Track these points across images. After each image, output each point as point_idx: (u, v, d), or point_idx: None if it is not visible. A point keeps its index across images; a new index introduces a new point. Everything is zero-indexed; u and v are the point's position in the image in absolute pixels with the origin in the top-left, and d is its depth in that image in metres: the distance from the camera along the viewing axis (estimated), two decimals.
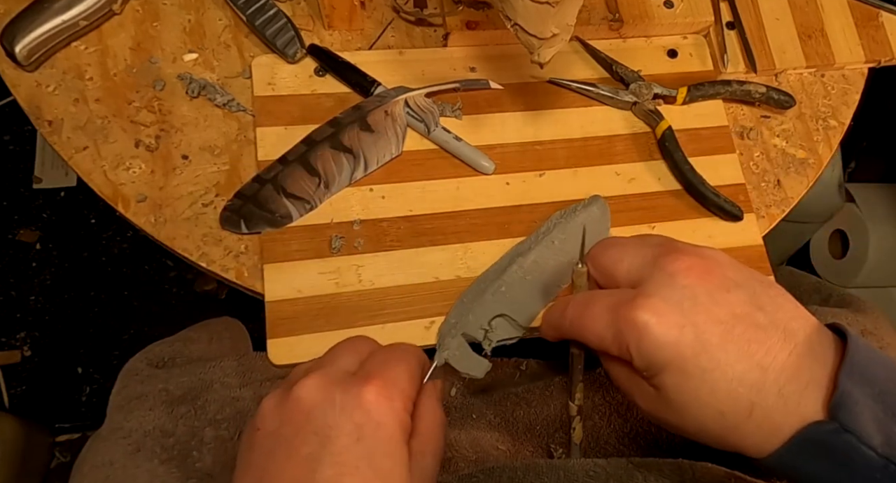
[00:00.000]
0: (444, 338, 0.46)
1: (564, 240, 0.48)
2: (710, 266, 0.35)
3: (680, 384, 0.33)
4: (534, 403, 0.50)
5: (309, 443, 0.32)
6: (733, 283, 0.34)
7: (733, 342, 0.33)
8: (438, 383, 0.40)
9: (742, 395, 0.33)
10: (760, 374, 0.33)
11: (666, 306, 0.33)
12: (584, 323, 0.37)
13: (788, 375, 0.32)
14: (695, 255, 0.35)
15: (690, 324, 0.33)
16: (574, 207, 0.51)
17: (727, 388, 0.33)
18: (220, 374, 0.53)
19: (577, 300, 0.38)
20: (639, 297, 0.34)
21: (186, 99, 0.51)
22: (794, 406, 0.32)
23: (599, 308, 0.36)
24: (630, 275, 0.37)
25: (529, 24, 0.41)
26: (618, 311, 0.34)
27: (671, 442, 0.48)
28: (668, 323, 0.33)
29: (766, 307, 0.34)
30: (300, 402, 0.33)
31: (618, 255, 0.38)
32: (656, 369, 0.34)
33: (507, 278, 0.47)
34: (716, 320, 0.33)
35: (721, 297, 0.34)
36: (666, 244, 0.37)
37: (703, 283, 0.34)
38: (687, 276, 0.34)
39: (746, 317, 0.33)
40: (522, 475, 0.41)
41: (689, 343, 0.33)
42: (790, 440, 0.32)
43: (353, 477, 0.31)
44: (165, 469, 0.47)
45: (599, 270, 0.39)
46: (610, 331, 0.35)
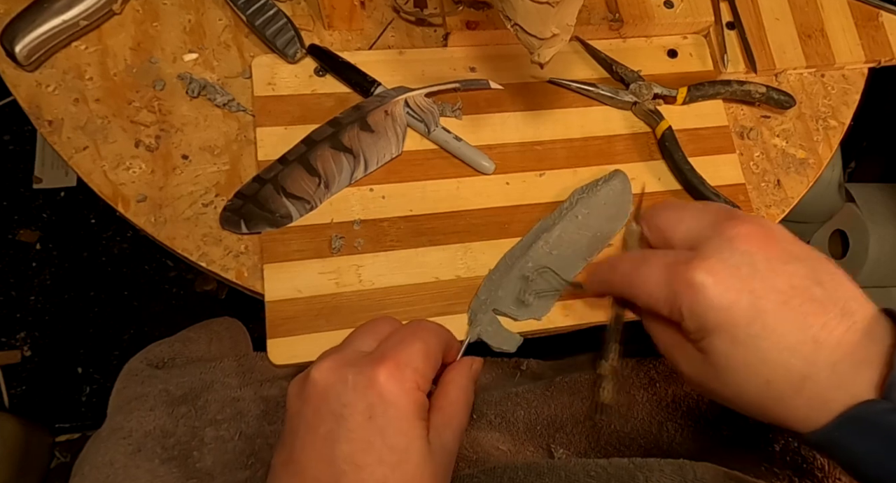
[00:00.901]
0: (475, 314, 0.47)
1: (588, 214, 0.49)
2: (770, 235, 0.34)
3: (729, 350, 0.33)
4: (534, 403, 0.50)
5: (326, 422, 0.34)
6: (793, 256, 0.34)
7: (789, 312, 0.33)
8: (472, 361, 0.41)
9: (794, 366, 0.32)
10: (814, 348, 0.32)
11: (724, 269, 0.33)
12: (636, 280, 0.36)
13: (843, 352, 0.32)
14: (755, 223, 0.35)
15: (747, 289, 0.33)
16: (596, 182, 0.51)
17: (778, 358, 0.32)
18: (221, 375, 0.53)
19: (631, 257, 0.38)
20: (697, 257, 0.34)
21: (186, 99, 0.51)
22: (847, 383, 0.32)
23: (655, 266, 0.35)
24: (688, 237, 0.36)
25: (529, 24, 0.41)
26: (674, 269, 0.34)
27: (672, 442, 0.48)
28: (725, 286, 0.33)
29: (826, 283, 0.34)
30: (317, 383, 0.35)
31: (676, 217, 0.37)
32: (706, 332, 0.33)
33: (534, 254, 0.48)
34: (773, 289, 0.33)
35: (780, 267, 0.33)
36: (727, 211, 0.37)
37: (763, 250, 0.34)
38: (747, 242, 0.34)
39: (805, 290, 0.33)
40: (523, 475, 0.41)
41: (743, 308, 0.33)
42: (840, 416, 0.31)
43: (368, 452, 0.33)
44: (166, 469, 0.47)
45: (655, 231, 0.39)
46: (664, 289, 0.34)
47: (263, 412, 0.51)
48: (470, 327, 0.47)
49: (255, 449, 0.49)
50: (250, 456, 0.49)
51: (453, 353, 0.42)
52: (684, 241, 0.36)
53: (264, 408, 0.52)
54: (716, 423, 0.48)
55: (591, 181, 0.52)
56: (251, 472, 0.48)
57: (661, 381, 0.49)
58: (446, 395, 0.39)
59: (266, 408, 0.52)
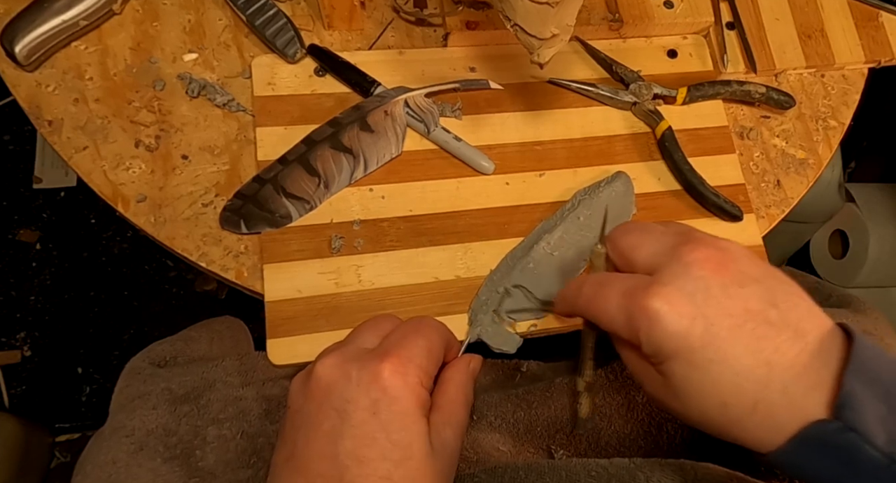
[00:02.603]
0: (475, 314, 0.47)
1: (590, 215, 0.50)
2: (726, 259, 0.35)
3: (686, 373, 0.34)
4: (534, 405, 0.50)
5: (330, 418, 0.34)
6: (749, 278, 0.34)
7: (742, 337, 0.33)
8: (471, 359, 0.42)
9: (747, 389, 0.33)
10: (766, 371, 0.33)
11: (679, 296, 0.33)
12: (597, 304, 0.37)
13: (795, 374, 0.33)
14: (713, 246, 0.35)
15: (701, 315, 0.33)
16: (598, 184, 0.51)
17: (732, 382, 0.33)
18: (223, 374, 0.53)
19: (593, 280, 0.38)
20: (654, 284, 0.34)
21: (186, 99, 0.51)
22: (798, 404, 0.32)
23: (614, 291, 0.36)
24: (647, 261, 0.37)
25: (529, 24, 0.41)
26: (632, 296, 0.35)
27: (672, 443, 0.48)
28: (680, 313, 0.33)
29: (780, 305, 0.34)
30: (320, 380, 0.35)
31: (637, 241, 0.38)
32: (664, 357, 0.34)
33: (535, 255, 0.48)
34: (727, 314, 0.33)
35: (735, 291, 0.34)
36: (686, 234, 0.37)
37: (718, 275, 0.34)
38: (703, 267, 0.34)
39: (758, 313, 0.34)
40: (524, 475, 0.41)
41: (698, 334, 0.33)
42: (793, 437, 0.32)
43: (371, 448, 0.33)
44: (168, 468, 0.47)
45: (618, 253, 0.39)
46: (622, 314, 0.35)
47: (265, 411, 0.51)
48: (470, 327, 0.47)
49: (258, 448, 0.49)
50: (252, 455, 0.49)
51: (453, 351, 0.42)
52: (645, 265, 0.37)
53: (266, 407, 0.52)
54: None
55: (594, 183, 0.52)
56: (253, 471, 0.48)
57: None
58: (445, 392, 0.39)
59: (268, 407, 0.52)
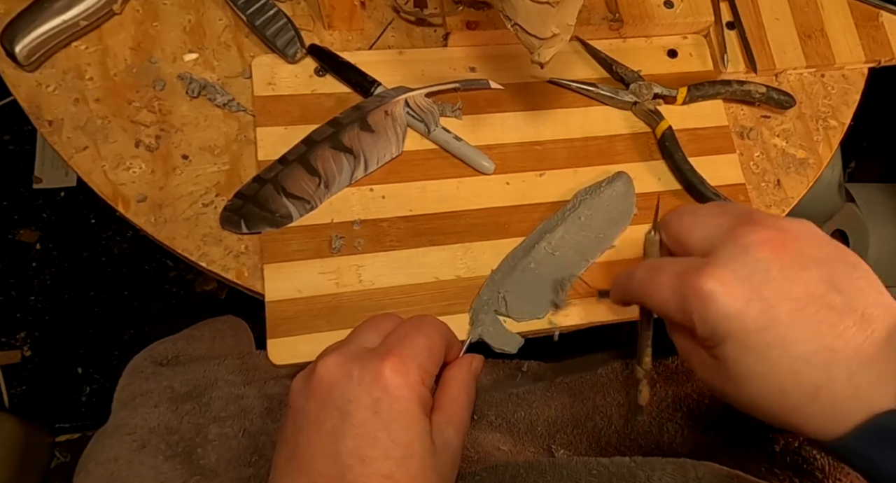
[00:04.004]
0: (477, 314, 0.47)
1: (591, 215, 0.50)
2: (787, 240, 0.33)
3: (741, 357, 0.33)
4: (535, 404, 0.50)
5: (331, 417, 0.34)
6: (811, 261, 0.33)
7: (803, 320, 0.32)
8: (473, 359, 0.42)
9: (807, 375, 0.32)
10: (829, 357, 0.31)
11: (734, 277, 0.33)
12: (650, 287, 0.36)
13: (861, 362, 0.31)
14: (773, 227, 0.34)
15: (758, 298, 0.32)
16: (599, 183, 0.51)
17: (791, 367, 0.32)
18: (224, 372, 0.54)
19: (646, 265, 0.38)
20: (707, 265, 0.33)
21: (186, 99, 0.51)
22: (865, 394, 0.31)
23: (667, 274, 0.35)
24: (703, 244, 0.36)
25: (529, 24, 0.41)
26: (684, 278, 0.34)
27: (673, 442, 0.48)
28: (734, 294, 0.32)
29: (845, 289, 0.32)
30: (322, 379, 0.35)
31: (692, 224, 0.37)
32: (718, 339, 0.33)
33: (536, 255, 0.48)
34: (786, 296, 0.32)
35: (795, 274, 0.32)
36: (745, 214, 0.36)
37: (778, 257, 0.33)
38: (761, 249, 0.33)
39: (821, 296, 0.32)
40: (525, 473, 0.41)
41: (754, 316, 0.32)
42: (859, 426, 0.31)
43: (374, 447, 0.33)
44: (170, 466, 0.47)
45: (672, 238, 0.38)
46: (675, 297, 0.34)
47: (267, 410, 0.51)
48: (471, 327, 0.47)
49: (259, 446, 0.50)
50: (254, 453, 0.49)
51: (455, 351, 0.42)
52: (700, 248, 0.36)
53: (268, 405, 0.52)
54: (716, 424, 0.48)
55: (594, 183, 0.52)
56: (255, 470, 0.48)
57: (661, 381, 0.49)
58: (447, 392, 0.39)
59: (270, 405, 0.52)
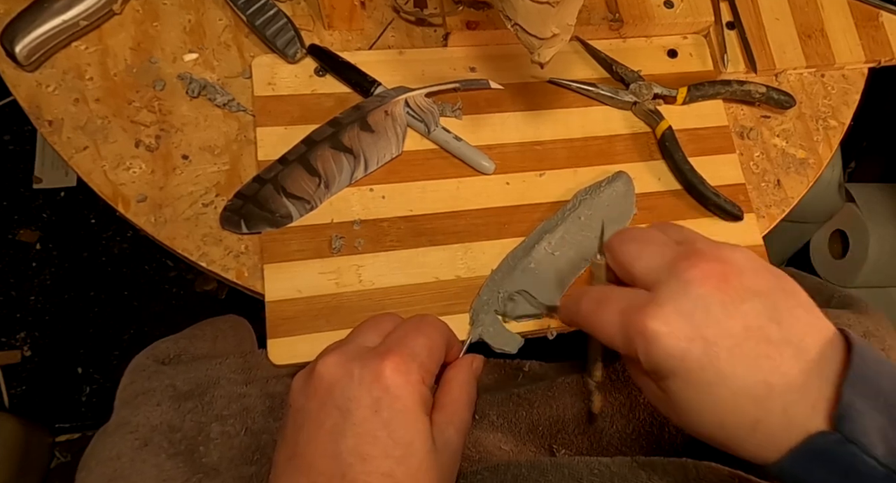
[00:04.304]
0: (477, 314, 0.47)
1: (591, 215, 0.50)
2: (728, 272, 0.34)
3: (684, 393, 0.33)
4: (536, 404, 0.50)
5: (332, 416, 0.34)
6: (751, 293, 0.34)
7: (742, 357, 0.32)
8: (473, 359, 0.42)
9: (746, 409, 0.32)
10: (766, 391, 0.32)
11: (677, 317, 0.33)
12: (595, 320, 0.37)
13: (795, 393, 0.32)
14: (714, 259, 0.34)
15: (700, 337, 0.33)
16: (599, 183, 0.51)
17: (731, 402, 0.32)
18: (226, 371, 0.54)
19: (592, 296, 0.38)
20: (651, 304, 0.34)
21: (186, 99, 0.51)
22: (798, 423, 0.32)
23: (612, 309, 0.36)
24: (646, 275, 0.36)
25: (529, 24, 0.41)
26: (629, 315, 0.34)
27: (673, 442, 0.48)
28: (678, 335, 0.33)
29: (783, 320, 0.33)
30: (322, 378, 0.35)
31: (636, 253, 0.37)
32: (662, 375, 0.34)
33: (536, 255, 0.48)
34: (726, 334, 0.33)
35: (735, 309, 0.33)
36: (687, 243, 0.36)
37: (719, 293, 0.33)
38: (702, 285, 0.33)
39: (758, 330, 0.33)
40: (527, 472, 0.41)
41: (696, 356, 0.32)
42: (793, 450, 0.32)
43: (374, 446, 0.33)
44: (172, 464, 0.48)
45: (617, 264, 0.39)
46: (620, 333, 0.35)
47: (269, 408, 0.51)
48: (472, 327, 0.47)
49: (261, 445, 0.50)
50: (256, 451, 0.49)
51: (455, 351, 0.42)
52: (644, 278, 0.36)
53: (270, 404, 0.52)
54: None
55: (594, 183, 0.52)
56: (257, 468, 0.48)
57: None
58: (449, 392, 0.39)
59: (272, 404, 0.52)
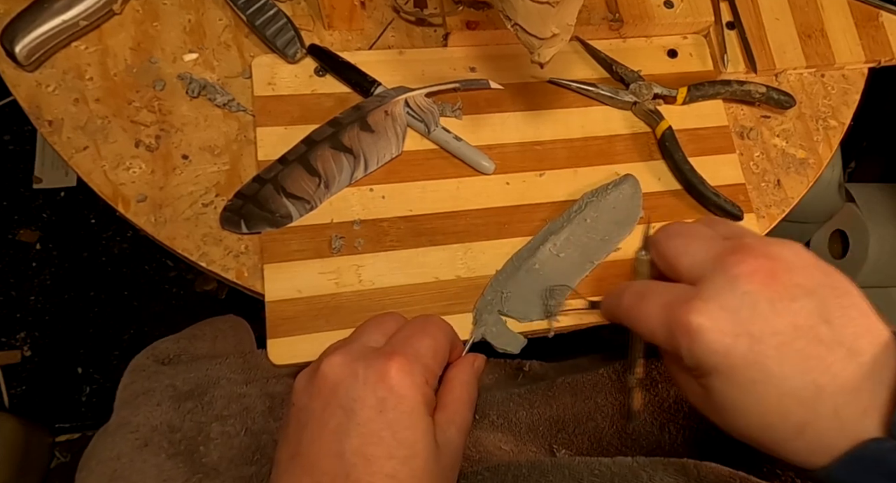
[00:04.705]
0: (480, 314, 0.47)
1: (596, 217, 0.50)
2: (777, 270, 0.33)
3: (727, 391, 0.32)
4: (536, 404, 0.50)
5: (336, 416, 0.34)
6: (801, 291, 0.32)
7: (789, 356, 0.31)
8: (475, 358, 0.42)
9: (794, 411, 0.31)
10: (815, 393, 0.31)
11: (722, 313, 0.32)
12: (638, 315, 0.36)
13: (846, 397, 0.31)
14: (763, 255, 0.33)
15: (745, 333, 0.32)
16: (606, 186, 0.51)
17: (778, 403, 0.31)
18: (226, 371, 0.54)
19: (634, 290, 0.37)
20: (695, 299, 0.33)
21: (186, 99, 0.51)
22: (850, 427, 0.31)
23: (655, 304, 0.35)
24: (692, 270, 0.35)
25: (529, 24, 0.41)
26: (672, 310, 0.33)
27: (674, 443, 0.48)
28: (722, 330, 0.32)
29: (834, 320, 0.32)
30: (326, 378, 0.35)
31: (682, 247, 0.36)
32: (705, 372, 0.33)
33: (541, 256, 0.48)
34: (774, 331, 0.32)
35: (783, 307, 0.32)
36: (735, 239, 0.35)
37: (767, 289, 0.32)
38: (750, 281, 0.32)
39: (809, 330, 0.32)
40: (527, 473, 0.41)
41: (741, 353, 0.32)
42: (844, 455, 0.30)
43: (378, 446, 0.33)
44: (172, 464, 0.48)
45: (662, 259, 0.38)
46: (662, 329, 0.34)
47: (269, 408, 0.51)
48: (475, 327, 0.47)
49: (261, 445, 0.50)
50: (256, 451, 0.49)
51: (457, 351, 0.42)
52: (689, 275, 0.35)
53: (270, 404, 0.52)
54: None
55: (601, 185, 0.52)
56: (257, 468, 0.48)
57: (662, 382, 0.49)
58: (450, 391, 0.39)
59: (272, 404, 0.52)
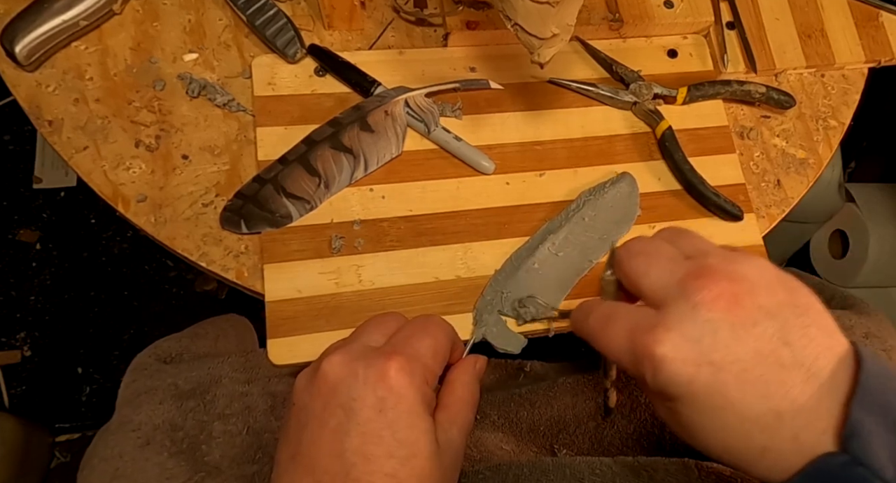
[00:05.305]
0: (480, 314, 0.47)
1: (594, 216, 0.50)
2: (739, 294, 0.33)
3: (691, 415, 0.33)
4: (537, 404, 0.50)
5: (336, 415, 0.34)
6: (763, 314, 0.32)
7: (750, 383, 0.32)
8: (477, 359, 0.42)
9: (754, 436, 0.32)
10: (775, 418, 0.31)
11: (684, 342, 0.32)
12: (603, 338, 0.36)
13: (806, 419, 0.31)
14: (725, 278, 0.33)
15: (707, 362, 0.32)
16: (603, 184, 0.51)
17: (739, 428, 0.32)
18: (228, 370, 0.54)
19: (600, 312, 0.37)
20: (658, 327, 0.33)
21: (186, 99, 0.51)
22: (808, 448, 0.31)
23: (619, 329, 0.35)
24: (654, 294, 0.35)
25: (529, 24, 0.41)
26: (636, 338, 0.34)
27: (674, 443, 0.48)
28: (685, 360, 0.32)
29: (795, 341, 0.32)
30: (327, 377, 0.35)
31: (643, 268, 0.36)
32: (669, 398, 0.33)
33: (540, 255, 0.48)
34: (735, 359, 0.32)
35: (745, 332, 0.32)
36: (697, 258, 0.35)
37: (729, 315, 0.32)
38: (711, 308, 0.32)
39: (770, 354, 0.32)
40: (528, 472, 0.41)
41: (703, 382, 0.32)
42: (801, 471, 0.31)
43: (378, 445, 0.34)
44: (174, 462, 0.48)
45: (625, 278, 0.38)
46: (627, 355, 0.34)
47: (271, 407, 0.51)
48: (475, 327, 0.47)
49: (263, 443, 0.50)
50: (258, 450, 0.49)
51: (458, 351, 0.42)
52: (651, 296, 0.36)
53: (272, 403, 0.52)
54: None
55: (599, 183, 0.52)
56: (259, 467, 0.48)
57: None
58: (452, 392, 0.39)
59: (274, 403, 0.52)
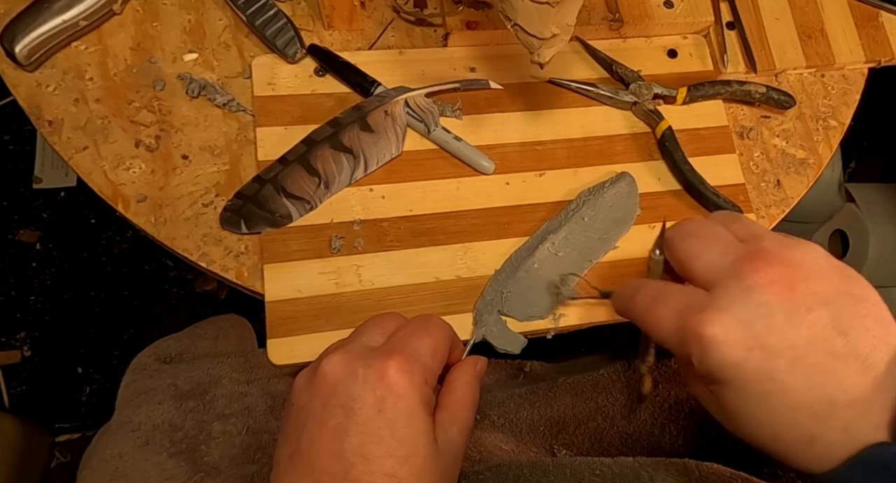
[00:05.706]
0: (480, 314, 0.47)
1: (594, 216, 0.50)
2: (794, 279, 0.32)
3: (738, 401, 0.32)
4: (537, 404, 0.50)
5: (335, 415, 0.34)
6: (818, 301, 0.31)
7: (803, 370, 0.31)
8: (477, 360, 0.42)
9: (804, 424, 0.31)
10: (827, 408, 0.30)
11: (736, 324, 0.31)
12: (650, 318, 0.35)
13: (858, 411, 0.30)
14: (781, 263, 0.32)
15: (760, 346, 0.31)
16: (602, 184, 0.51)
17: (789, 416, 0.31)
18: (228, 370, 0.54)
19: (648, 291, 0.36)
20: (709, 308, 0.32)
21: (186, 99, 0.51)
22: (859, 440, 0.30)
23: (668, 308, 0.34)
24: (707, 275, 0.34)
25: (529, 24, 0.41)
26: (686, 318, 0.33)
27: (675, 443, 0.48)
28: (736, 343, 0.31)
29: (850, 331, 0.31)
30: (326, 377, 0.35)
31: (695, 250, 0.35)
32: (716, 381, 0.33)
33: (540, 255, 0.48)
34: (788, 345, 0.31)
35: (800, 319, 0.31)
36: (751, 242, 0.34)
37: (783, 300, 0.31)
38: (766, 291, 0.31)
39: (824, 342, 0.31)
40: (529, 472, 0.41)
41: (754, 367, 0.31)
42: (850, 460, 0.30)
43: (377, 445, 0.33)
44: (174, 462, 0.48)
45: (675, 261, 0.37)
46: (675, 335, 0.33)
47: (270, 407, 0.51)
48: (475, 327, 0.47)
49: (262, 443, 0.50)
50: (257, 450, 0.49)
51: (458, 351, 0.42)
52: (703, 278, 0.35)
53: (271, 403, 0.52)
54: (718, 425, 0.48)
55: (598, 183, 0.52)
56: (258, 467, 0.48)
57: (663, 382, 0.49)
58: (452, 392, 0.39)
59: (273, 403, 0.52)
